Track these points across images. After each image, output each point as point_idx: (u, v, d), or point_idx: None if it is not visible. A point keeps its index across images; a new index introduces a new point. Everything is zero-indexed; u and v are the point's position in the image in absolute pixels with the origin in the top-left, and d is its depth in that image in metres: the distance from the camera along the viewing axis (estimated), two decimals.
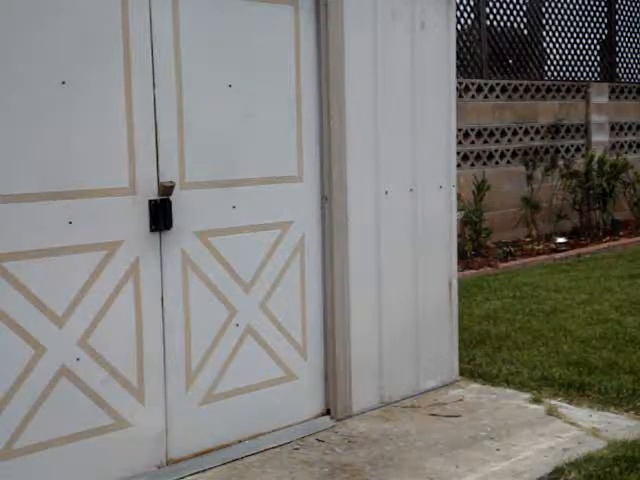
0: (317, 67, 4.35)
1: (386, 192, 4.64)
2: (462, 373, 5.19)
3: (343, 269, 4.45)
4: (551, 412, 4.53)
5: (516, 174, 10.64)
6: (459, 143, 9.56)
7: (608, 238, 10.83)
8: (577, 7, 12.03)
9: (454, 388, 4.99)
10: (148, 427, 3.78)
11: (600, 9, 12.40)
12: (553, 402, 4.70)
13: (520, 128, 10.91)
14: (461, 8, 10.35)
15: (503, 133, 10.71)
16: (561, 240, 10.41)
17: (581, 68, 12.15)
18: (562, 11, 11.83)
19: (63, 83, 3.43)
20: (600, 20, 12.42)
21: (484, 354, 5.68)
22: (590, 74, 12.31)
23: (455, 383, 5.06)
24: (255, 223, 4.15)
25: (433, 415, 4.56)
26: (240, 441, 4.10)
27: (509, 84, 10.80)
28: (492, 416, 4.52)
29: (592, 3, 12.24)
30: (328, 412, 4.50)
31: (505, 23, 11.11)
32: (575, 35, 12.05)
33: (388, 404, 4.70)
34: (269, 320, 4.22)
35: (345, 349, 4.47)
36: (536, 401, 4.72)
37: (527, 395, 4.83)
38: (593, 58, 12.35)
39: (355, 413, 4.54)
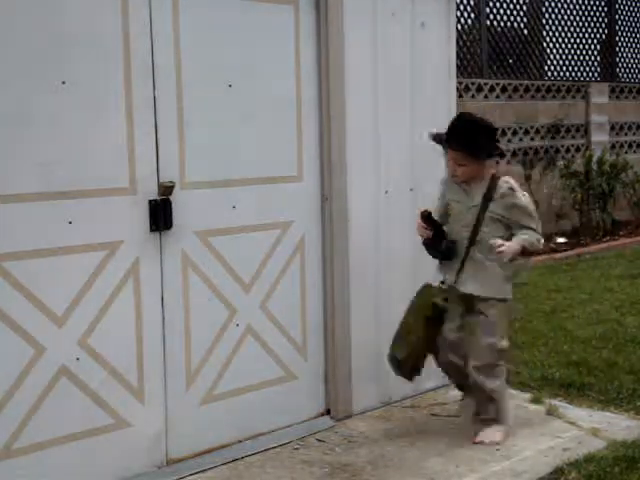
0: (317, 67, 4.35)
1: (386, 192, 4.64)
2: None
3: (343, 268, 4.44)
4: (551, 412, 4.53)
5: (516, 174, 10.63)
6: None
7: (608, 238, 10.83)
8: (577, 7, 12.03)
9: (454, 388, 4.98)
10: (148, 427, 3.77)
11: (600, 9, 12.40)
12: (553, 402, 4.70)
13: (520, 128, 10.91)
14: (461, 8, 10.35)
15: (503, 133, 10.70)
16: (561, 240, 10.41)
17: (581, 68, 12.15)
18: (562, 11, 11.83)
19: (63, 83, 3.43)
20: (600, 20, 12.43)
21: None
22: (590, 74, 12.31)
23: None
24: (255, 223, 4.15)
25: (433, 415, 4.56)
26: (240, 441, 4.09)
27: (509, 84, 10.80)
28: None
29: (592, 3, 12.24)
30: (328, 412, 4.49)
31: (505, 23, 11.11)
32: (575, 35, 12.06)
33: (388, 404, 4.70)
34: (269, 320, 4.22)
35: (345, 349, 4.47)
36: (536, 401, 4.72)
37: (527, 395, 4.83)
38: (593, 58, 12.35)
39: (355, 413, 4.54)
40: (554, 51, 11.83)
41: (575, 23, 12.04)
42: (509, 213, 4.13)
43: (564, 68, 11.92)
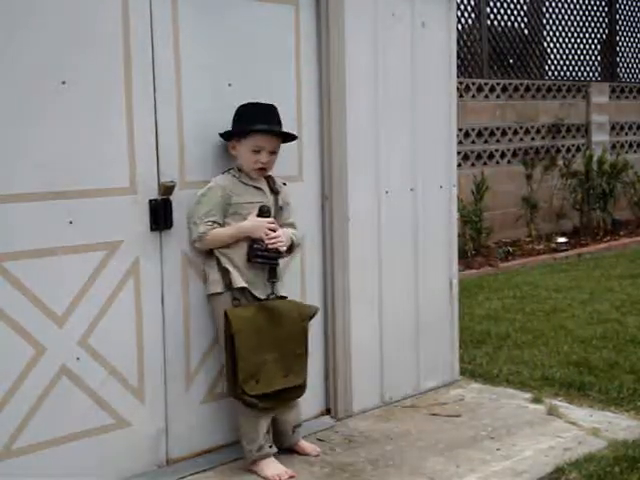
0: (317, 66, 4.35)
1: (386, 192, 4.63)
2: (463, 373, 5.19)
3: (343, 269, 4.44)
4: (552, 412, 4.52)
5: (517, 174, 10.64)
6: (460, 143, 9.56)
7: (608, 238, 10.83)
8: (577, 7, 12.03)
9: (455, 388, 4.99)
10: (148, 426, 3.77)
11: (601, 9, 12.40)
12: (554, 402, 4.69)
13: (521, 128, 10.91)
14: (462, 8, 10.35)
15: (504, 133, 10.71)
16: (561, 240, 10.41)
17: (582, 68, 12.15)
18: (562, 11, 11.84)
19: (63, 83, 3.42)
20: (601, 20, 12.43)
21: (485, 354, 5.68)
22: (591, 74, 12.32)
23: (456, 383, 5.06)
24: None
25: (434, 415, 4.56)
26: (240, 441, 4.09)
27: (510, 84, 10.80)
28: (492, 416, 4.51)
29: (592, 3, 12.25)
30: (328, 412, 4.49)
31: (506, 23, 11.12)
32: (576, 35, 12.06)
33: (389, 404, 4.70)
34: None
35: (345, 348, 4.47)
36: (536, 401, 4.71)
37: (528, 395, 4.83)
38: (594, 58, 12.36)
39: (356, 413, 4.54)
40: (554, 51, 11.83)
41: (575, 23, 12.04)
42: (285, 207, 3.95)
43: (564, 68, 11.92)
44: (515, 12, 11.18)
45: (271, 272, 3.82)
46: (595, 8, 12.31)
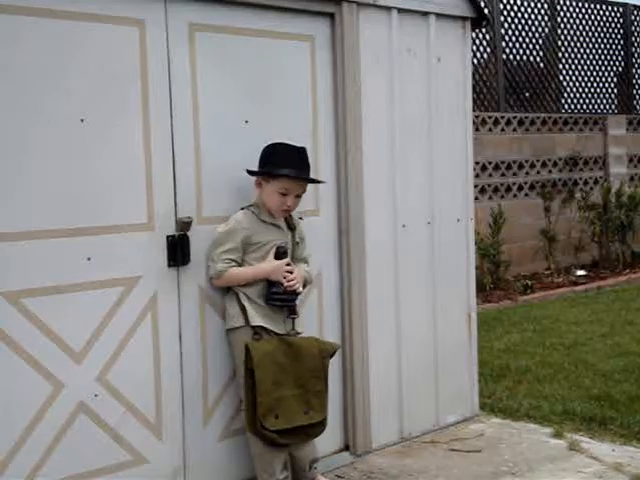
0: (334, 102, 4.37)
1: (403, 225, 4.64)
2: (482, 407, 5.15)
3: (361, 303, 4.43)
4: (573, 447, 4.47)
5: (534, 206, 10.62)
6: (476, 176, 9.56)
7: (628, 270, 10.77)
8: (593, 40, 12.07)
9: (474, 423, 4.94)
10: (166, 463, 3.75)
11: (616, 42, 12.44)
12: (575, 436, 4.65)
13: (537, 161, 10.91)
14: (477, 42, 10.41)
15: (521, 166, 10.70)
16: (580, 273, 10.36)
17: (598, 100, 12.17)
18: (578, 44, 11.87)
19: (82, 121, 3.46)
20: (617, 53, 12.46)
21: (504, 388, 5.64)
22: (607, 106, 12.33)
23: (475, 418, 5.01)
24: None
25: (453, 450, 4.52)
26: None
27: (526, 117, 10.82)
28: (513, 451, 4.47)
29: (608, 36, 12.29)
30: (347, 448, 4.46)
31: (521, 57, 11.16)
32: (592, 68, 12.08)
33: (408, 439, 4.66)
34: None
35: (364, 384, 4.45)
36: (558, 435, 4.66)
37: (548, 429, 4.78)
38: (610, 90, 12.38)
39: (374, 449, 4.51)
40: (571, 84, 11.86)
41: (592, 56, 12.08)
42: (300, 242, 3.98)
43: (581, 101, 11.95)
44: (531, 46, 11.24)
45: (290, 309, 3.83)
46: (611, 41, 12.35)
